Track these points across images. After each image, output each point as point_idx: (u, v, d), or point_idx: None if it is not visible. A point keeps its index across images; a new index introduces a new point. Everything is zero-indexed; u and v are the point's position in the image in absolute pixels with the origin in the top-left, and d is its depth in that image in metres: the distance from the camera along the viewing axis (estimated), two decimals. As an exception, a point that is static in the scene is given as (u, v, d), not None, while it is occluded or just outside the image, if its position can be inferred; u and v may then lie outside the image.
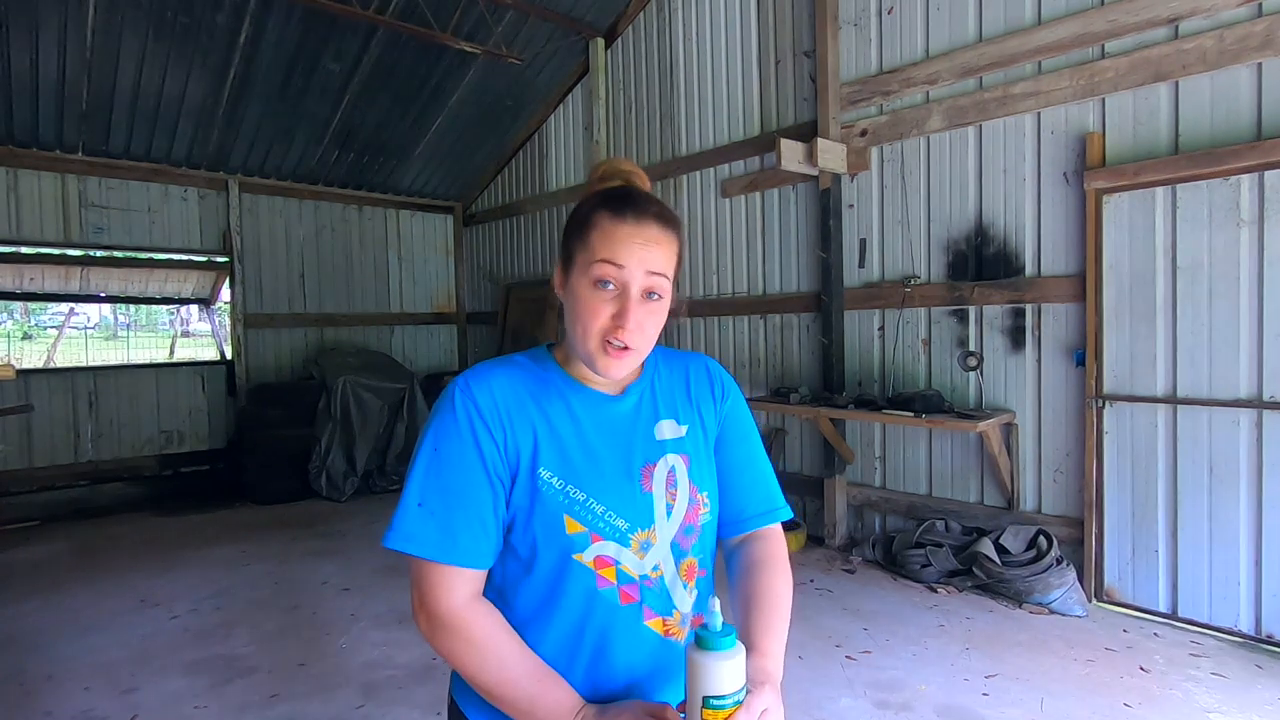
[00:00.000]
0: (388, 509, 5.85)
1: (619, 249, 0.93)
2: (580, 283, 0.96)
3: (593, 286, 0.94)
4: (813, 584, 4.05)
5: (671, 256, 0.98)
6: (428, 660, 3.18)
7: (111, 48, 5.15)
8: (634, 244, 0.94)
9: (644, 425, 1.04)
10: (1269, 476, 3.14)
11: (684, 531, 1.02)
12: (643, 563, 0.98)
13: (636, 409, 1.05)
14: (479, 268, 8.31)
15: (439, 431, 0.96)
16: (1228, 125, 3.23)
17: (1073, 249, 3.72)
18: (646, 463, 1.02)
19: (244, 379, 6.81)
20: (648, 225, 0.95)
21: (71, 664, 3.19)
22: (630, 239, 0.94)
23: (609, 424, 1.02)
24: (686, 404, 1.10)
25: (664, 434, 1.05)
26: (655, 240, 0.95)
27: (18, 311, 16.55)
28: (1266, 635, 3.16)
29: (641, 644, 0.98)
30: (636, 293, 0.94)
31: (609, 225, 0.95)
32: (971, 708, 2.72)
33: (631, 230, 0.94)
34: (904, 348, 4.45)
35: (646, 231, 0.95)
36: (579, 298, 0.96)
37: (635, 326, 0.94)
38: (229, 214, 6.74)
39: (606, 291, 0.94)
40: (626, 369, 0.98)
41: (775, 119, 5.09)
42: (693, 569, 1.03)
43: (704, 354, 1.35)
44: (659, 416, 1.06)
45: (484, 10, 5.58)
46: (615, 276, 0.93)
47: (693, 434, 1.08)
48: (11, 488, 5.72)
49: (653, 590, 0.99)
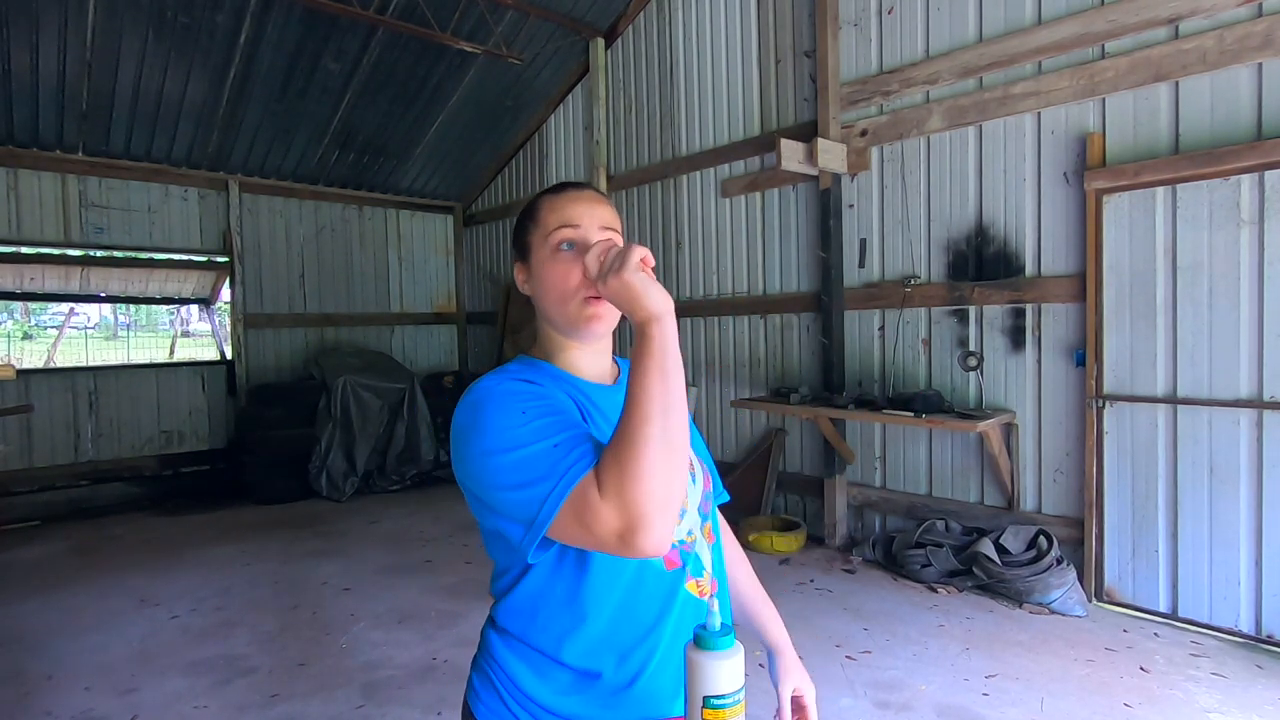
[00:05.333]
0: (388, 509, 5.90)
1: (568, 212, 1.00)
2: (542, 258, 1.01)
3: (555, 253, 0.99)
4: (813, 584, 4.05)
5: (616, 219, 1.04)
6: (428, 660, 3.18)
7: (111, 48, 5.16)
8: (581, 205, 1.01)
9: None
10: (1269, 476, 3.14)
11: (705, 497, 1.08)
12: (680, 529, 1.01)
13: None
14: (479, 268, 8.31)
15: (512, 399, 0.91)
16: (1228, 125, 3.23)
17: (1073, 249, 3.72)
18: None
19: (244, 379, 6.81)
20: (586, 191, 1.04)
21: (71, 664, 3.19)
22: (576, 202, 1.02)
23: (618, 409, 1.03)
24: None
25: None
26: (598, 200, 1.03)
27: (18, 311, 16.55)
28: (1267, 635, 3.16)
29: (685, 606, 1.02)
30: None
31: (552, 200, 1.03)
32: (971, 708, 2.72)
33: (574, 195, 1.03)
34: (904, 348, 4.45)
35: (588, 195, 1.03)
36: (546, 271, 1.00)
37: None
38: (229, 214, 6.74)
39: (570, 253, 0.99)
40: (610, 322, 1.01)
41: (775, 119, 5.09)
42: (709, 532, 1.09)
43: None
44: None
45: (484, 10, 5.58)
46: (574, 236, 0.99)
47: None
48: (12, 488, 5.71)
49: (689, 554, 1.03)
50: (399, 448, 6.58)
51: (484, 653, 1.05)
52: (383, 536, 5.14)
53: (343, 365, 6.57)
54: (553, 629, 0.97)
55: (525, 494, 0.83)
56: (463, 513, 5.70)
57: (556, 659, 0.97)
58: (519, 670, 0.99)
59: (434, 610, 3.75)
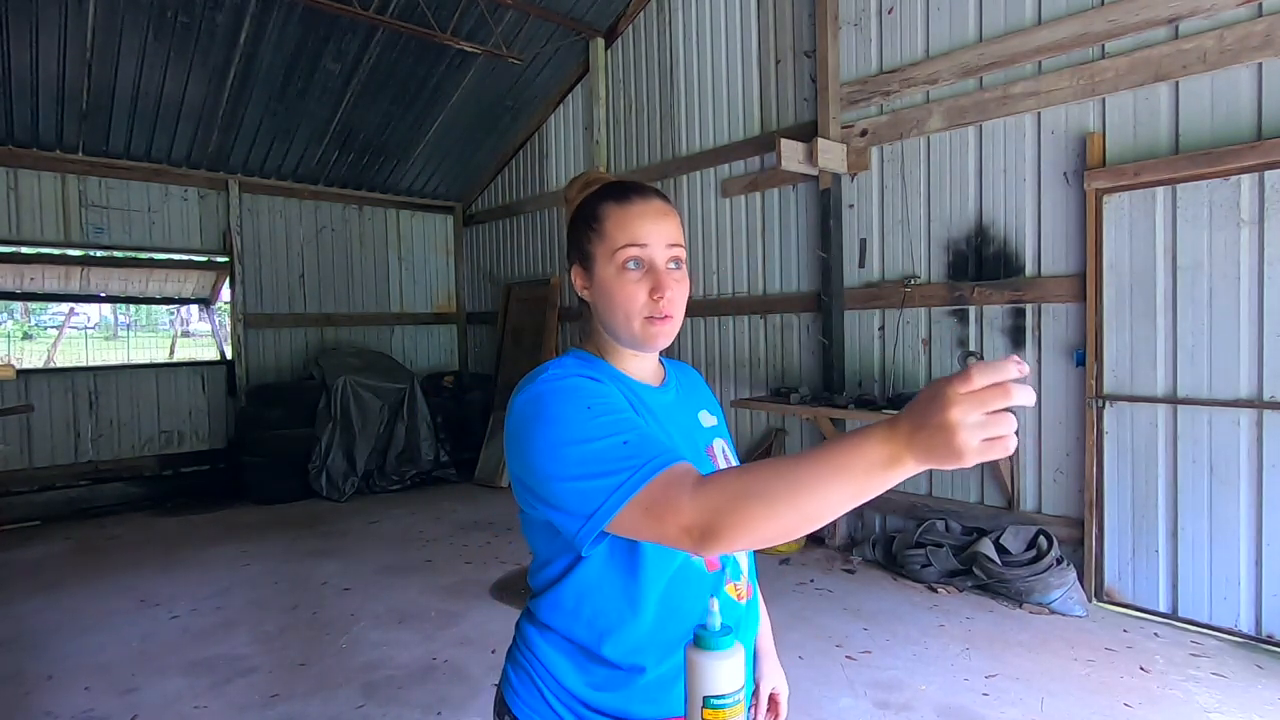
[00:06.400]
0: (388, 509, 5.90)
1: (637, 229, 0.98)
2: (607, 273, 0.99)
3: (621, 272, 0.98)
4: (813, 584, 4.05)
5: (681, 230, 1.03)
6: (428, 660, 3.18)
7: (111, 48, 5.16)
8: (648, 221, 0.98)
9: (689, 413, 1.12)
10: (1269, 476, 3.14)
11: None
12: None
13: (678, 399, 1.11)
14: (479, 268, 8.31)
15: (577, 395, 0.90)
16: (1228, 125, 3.23)
17: (1073, 249, 3.72)
18: (707, 444, 1.10)
19: (244, 379, 6.81)
20: (653, 201, 1.01)
21: (71, 664, 3.19)
22: (643, 217, 0.98)
23: (666, 409, 1.06)
24: (709, 400, 1.20)
25: (706, 422, 1.14)
26: (664, 213, 1.00)
27: (18, 311, 16.54)
28: (1267, 635, 3.16)
29: (726, 610, 1.00)
30: (663, 264, 0.99)
31: (619, 212, 0.99)
32: (971, 708, 2.72)
33: (642, 209, 0.99)
34: (904, 348, 4.45)
35: (655, 207, 1.00)
36: (612, 287, 0.99)
37: (671, 296, 0.98)
38: (229, 214, 6.74)
39: (636, 272, 0.98)
40: (671, 338, 1.02)
41: (775, 119, 5.09)
42: None
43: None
44: (697, 407, 1.15)
45: (484, 10, 5.59)
46: (641, 255, 0.98)
47: (721, 424, 1.18)
48: (12, 488, 5.71)
49: (729, 557, 1.03)
50: (399, 448, 6.59)
51: (521, 647, 1.04)
52: (383, 536, 5.14)
53: (343, 365, 6.57)
54: (598, 624, 0.97)
55: (590, 485, 0.83)
56: (463, 512, 5.71)
57: (598, 654, 0.97)
58: (560, 665, 0.99)
59: (434, 610, 3.75)
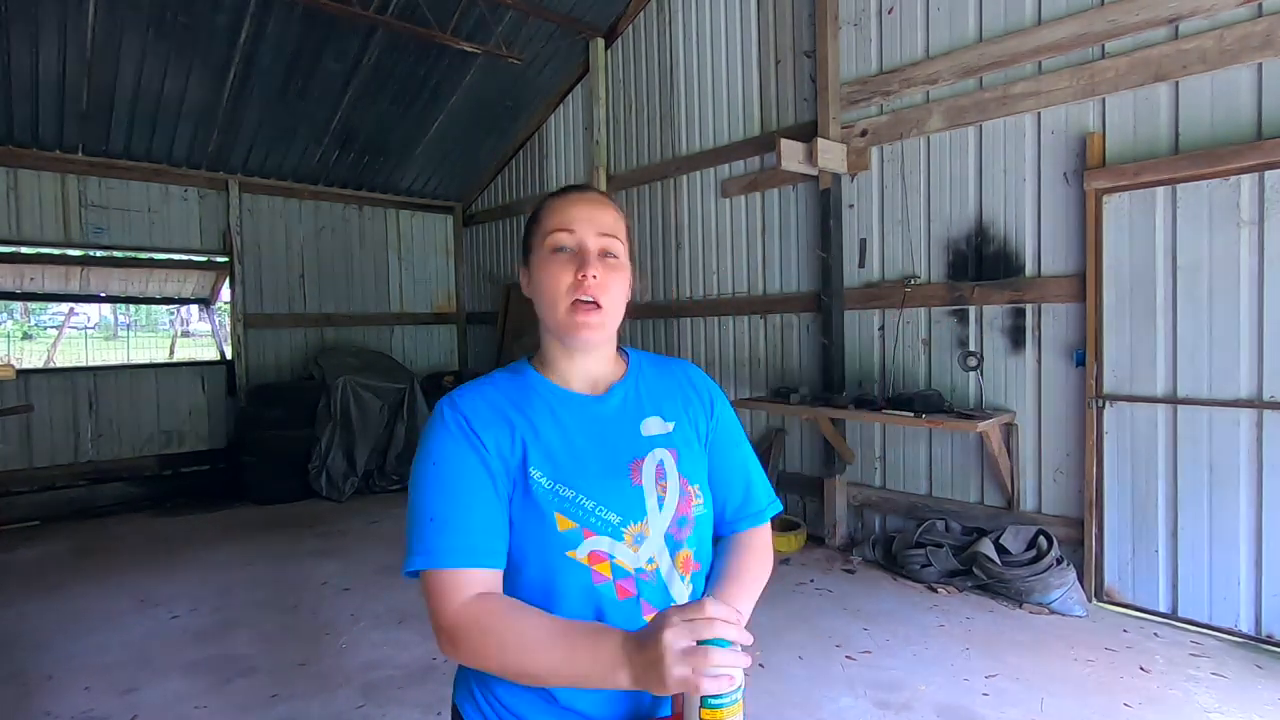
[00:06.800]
0: (388, 509, 5.90)
1: (566, 215, 1.02)
2: (539, 260, 1.03)
3: (551, 256, 1.01)
4: (813, 584, 4.05)
5: (620, 225, 1.05)
6: (428, 660, 3.18)
7: (111, 48, 5.15)
8: (580, 208, 1.03)
9: (629, 422, 1.06)
10: (1269, 476, 3.14)
11: (677, 523, 1.02)
12: (637, 555, 0.98)
13: (621, 407, 1.07)
14: (479, 268, 8.31)
15: (435, 446, 0.97)
16: (1228, 125, 3.23)
17: (1073, 249, 3.72)
18: (635, 458, 1.03)
19: (244, 379, 6.80)
20: (590, 194, 1.06)
21: (71, 664, 3.19)
22: (575, 205, 1.03)
23: (593, 423, 1.04)
24: (673, 403, 1.11)
25: (650, 430, 1.07)
26: (600, 205, 1.04)
27: (18, 311, 16.54)
28: (1267, 635, 3.16)
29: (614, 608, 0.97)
30: (594, 250, 1.01)
31: (555, 203, 1.05)
32: (971, 708, 2.72)
33: (576, 198, 1.04)
34: (904, 348, 4.45)
35: (590, 198, 1.05)
36: (541, 272, 1.02)
37: (599, 282, 0.99)
38: (229, 214, 6.74)
39: (564, 255, 1.01)
40: (600, 331, 1.02)
41: (775, 119, 5.09)
42: (688, 561, 1.03)
43: (687, 360, 1.39)
44: (644, 414, 1.08)
45: (484, 10, 5.58)
46: (569, 241, 1.01)
47: (680, 430, 1.09)
48: (11, 488, 5.71)
49: (649, 584, 0.98)
50: (399, 448, 6.58)
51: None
52: (383, 536, 5.14)
53: (342, 365, 6.57)
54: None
55: (408, 532, 0.93)
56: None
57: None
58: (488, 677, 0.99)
59: (434, 610, 3.74)
